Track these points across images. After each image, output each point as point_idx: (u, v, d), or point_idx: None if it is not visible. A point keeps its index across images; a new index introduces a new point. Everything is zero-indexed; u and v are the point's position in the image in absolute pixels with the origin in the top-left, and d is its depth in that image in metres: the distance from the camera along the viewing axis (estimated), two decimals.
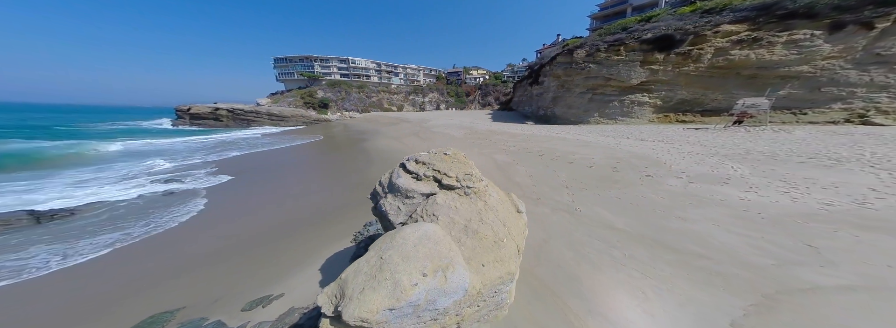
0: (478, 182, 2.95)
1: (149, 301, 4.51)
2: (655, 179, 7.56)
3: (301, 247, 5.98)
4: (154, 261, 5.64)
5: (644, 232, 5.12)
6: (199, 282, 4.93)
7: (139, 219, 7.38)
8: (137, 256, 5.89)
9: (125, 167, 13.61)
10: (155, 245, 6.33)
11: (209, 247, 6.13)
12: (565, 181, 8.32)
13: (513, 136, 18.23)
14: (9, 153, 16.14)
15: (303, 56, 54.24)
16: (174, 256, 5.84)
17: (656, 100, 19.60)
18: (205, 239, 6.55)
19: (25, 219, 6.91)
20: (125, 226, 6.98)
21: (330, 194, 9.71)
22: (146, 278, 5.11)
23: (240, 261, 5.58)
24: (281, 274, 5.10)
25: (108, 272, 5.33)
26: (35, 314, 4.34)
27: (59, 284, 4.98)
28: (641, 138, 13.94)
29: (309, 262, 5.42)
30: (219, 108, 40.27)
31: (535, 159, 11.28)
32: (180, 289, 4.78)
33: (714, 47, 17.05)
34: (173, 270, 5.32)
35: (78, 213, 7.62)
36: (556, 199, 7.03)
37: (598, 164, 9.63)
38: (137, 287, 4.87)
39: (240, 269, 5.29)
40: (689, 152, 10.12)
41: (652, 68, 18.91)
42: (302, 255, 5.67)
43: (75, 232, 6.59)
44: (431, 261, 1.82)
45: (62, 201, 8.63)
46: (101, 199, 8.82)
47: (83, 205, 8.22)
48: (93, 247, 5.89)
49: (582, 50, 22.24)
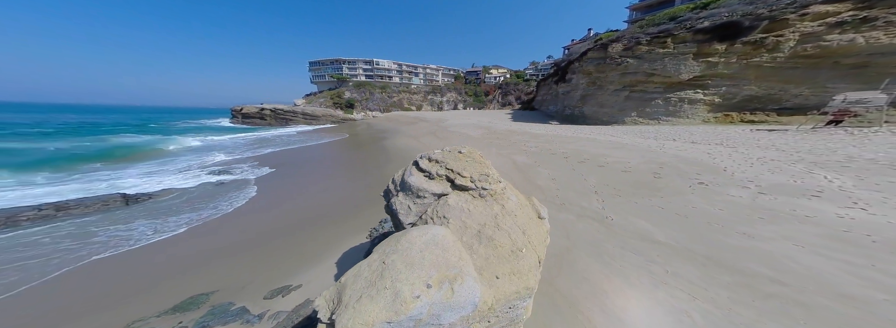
0: (495, 183, 2.68)
1: (195, 280, 4.98)
2: (711, 188, 6.49)
3: (322, 240, 6.21)
4: (205, 244, 6.27)
5: (693, 247, 4.37)
6: (235, 267, 5.34)
7: (202, 205, 8.42)
8: (194, 237, 6.63)
9: (192, 159, 15.78)
10: (208, 229, 7.06)
11: (248, 234, 6.64)
12: (595, 186, 7.56)
13: (534, 136, 17.32)
14: (123, 145, 20.40)
15: (333, 59, 57.84)
16: (219, 240, 6.43)
17: (713, 97, 17.08)
18: (247, 225, 7.15)
19: (119, 201, 8.32)
20: (199, 207, 8.12)
21: (351, 190, 10.05)
22: (198, 257, 5.68)
23: (269, 249, 5.95)
24: (302, 264, 5.32)
25: (171, 250, 6.05)
26: (135, 277, 5.07)
27: (145, 257, 5.76)
28: (692, 141, 12.24)
29: (327, 255, 5.60)
30: (264, 109, 44.88)
31: (560, 161, 10.49)
32: (220, 271, 5.22)
33: (799, 33, 14.16)
34: (218, 253, 5.84)
35: (154, 197, 8.99)
36: (583, 206, 6.40)
37: (636, 168, 8.61)
38: (189, 265, 5.42)
39: (269, 257, 5.64)
40: (761, 158, 8.53)
41: (709, 61, 16.53)
42: (321, 248, 5.87)
43: (161, 211, 7.75)
44: (438, 271, 1.62)
45: (145, 186, 10.27)
46: (172, 186, 10.27)
47: (158, 190, 9.66)
48: (173, 225, 6.87)
49: (618, 43, 20.34)
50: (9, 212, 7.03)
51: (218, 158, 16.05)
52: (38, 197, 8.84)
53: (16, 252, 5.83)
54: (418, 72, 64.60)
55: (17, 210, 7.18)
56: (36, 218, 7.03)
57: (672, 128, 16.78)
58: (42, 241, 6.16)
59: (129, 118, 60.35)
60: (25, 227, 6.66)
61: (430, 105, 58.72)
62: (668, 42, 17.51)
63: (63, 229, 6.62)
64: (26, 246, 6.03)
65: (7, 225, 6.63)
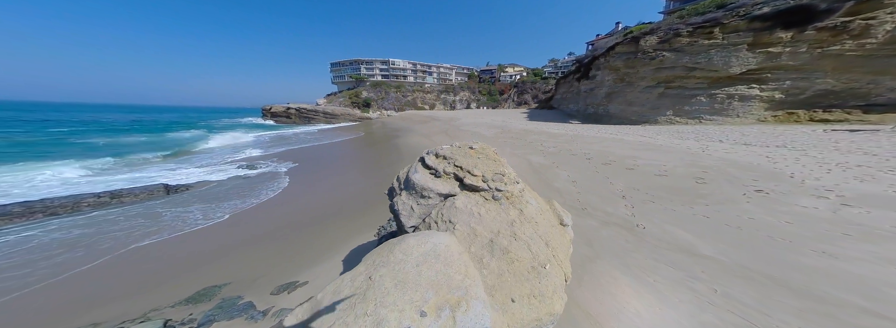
0: (511, 184, 2.28)
1: (213, 271, 5.09)
2: (773, 197, 5.50)
3: (332, 237, 6.14)
4: (227, 236, 6.51)
5: (751, 264, 3.64)
6: (250, 259, 5.37)
7: (230, 197, 8.84)
8: (222, 228, 6.91)
9: (226, 153, 17.05)
10: (235, 221, 7.36)
11: (265, 227, 6.76)
12: (622, 190, 6.78)
13: (552, 135, 16.36)
14: (175, 141, 22.57)
15: (352, 60, 59.70)
16: (240, 232, 6.61)
17: (773, 92, 14.92)
18: (264, 218, 7.29)
19: (161, 191, 9.05)
20: (230, 198, 8.54)
21: (363, 186, 10.02)
22: (219, 249, 5.81)
23: (282, 243, 5.98)
24: (310, 260, 5.25)
25: (194, 241, 6.35)
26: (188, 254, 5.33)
27: (173, 246, 6.05)
28: (745, 142, 10.76)
29: (335, 252, 5.49)
30: (289, 108, 48.00)
31: (581, 163, 9.67)
32: (236, 263, 5.29)
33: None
34: (237, 245, 5.95)
35: (192, 188, 9.71)
36: (609, 211, 5.72)
37: (674, 172, 7.64)
38: (210, 256, 5.58)
39: (281, 251, 5.65)
40: (842, 164, 7.14)
41: (769, 52, 14.47)
42: (330, 244, 5.79)
43: (196, 201, 8.23)
44: (437, 292, 1.28)
45: (184, 178, 11.14)
46: (205, 179, 11.00)
47: (194, 182, 10.43)
48: (205, 215, 7.28)
49: (652, 36, 18.61)
50: (74, 199, 7.84)
51: (250, 154, 17.11)
52: (105, 184, 9.81)
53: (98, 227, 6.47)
54: (432, 71, 64.68)
55: (79, 197, 8.00)
56: (95, 204, 7.77)
57: (718, 128, 14.97)
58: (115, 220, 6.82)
59: (177, 116, 66.98)
60: (86, 212, 7.37)
61: (443, 104, 58.69)
62: (715, 32, 15.58)
63: (118, 214, 7.25)
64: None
65: (73, 209, 7.39)
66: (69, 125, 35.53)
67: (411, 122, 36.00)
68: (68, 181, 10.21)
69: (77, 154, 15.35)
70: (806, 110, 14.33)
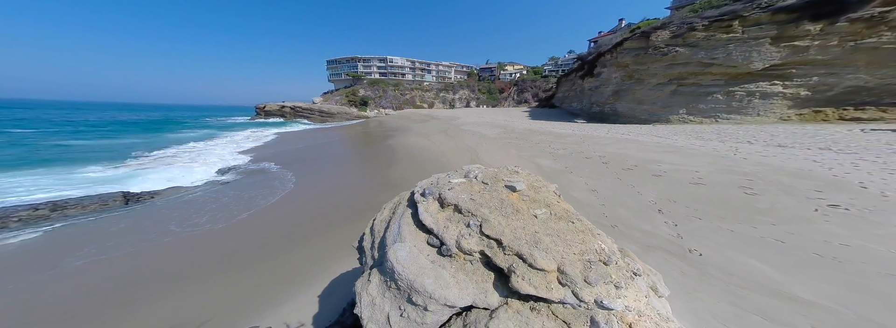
0: (626, 285, 0.97)
1: (147, 310, 3.95)
2: (856, 214, 4.47)
3: (305, 261, 5.02)
4: (180, 258, 5.36)
5: (885, 320, 2.55)
6: (199, 293, 4.25)
7: (202, 207, 7.65)
8: (178, 246, 5.71)
9: (206, 155, 15.65)
10: (191, 239, 6.19)
11: (230, 247, 5.63)
12: (655, 202, 5.74)
13: (560, 136, 15.31)
14: (151, 143, 20.73)
15: (349, 57, 58.24)
16: (197, 255, 5.46)
17: (799, 89, 13.83)
18: (228, 236, 6.15)
19: (118, 200, 7.76)
20: (197, 209, 7.34)
21: (347, 196, 8.77)
22: (165, 277, 4.71)
23: (245, 272, 4.85)
24: (277, 296, 4.12)
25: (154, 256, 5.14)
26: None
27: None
28: (778, 144, 9.74)
29: (310, 283, 4.36)
30: (284, 106, 46.70)
31: (598, 168, 8.60)
32: (181, 299, 4.15)
33: None
34: (187, 272, 4.83)
35: (160, 195, 8.42)
36: (645, 230, 4.67)
37: (711, 179, 6.61)
38: (152, 288, 4.44)
39: (241, 283, 4.49)
40: None
41: (795, 45, 13.32)
42: (304, 271, 4.66)
43: (155, 215, 7.07)
44: None
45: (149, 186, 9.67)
46: (178, 185, 9.63)
47: (163, 189, 9.08)
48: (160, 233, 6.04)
49: (664, 31, 17.53)
50: (3, 212, 6.60)
51: (231, 156, 15.80)
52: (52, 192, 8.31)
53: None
54: (431, 69, 63.39)
55: (8, 210, 6.76)
56: (30, 218, 6.56)
57: (739, 127, 13.96)
58: None
59: (162, 115, 63.30)
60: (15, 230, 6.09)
61: (442, 103, 57.68)
62: (733, 26, 14.51)
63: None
64: None
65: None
66: (37, 125, 32.83)
67: (409, 120, 34.86)
68: (7, 191, 8.66)
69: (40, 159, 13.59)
70: (835, 108, 13.31)
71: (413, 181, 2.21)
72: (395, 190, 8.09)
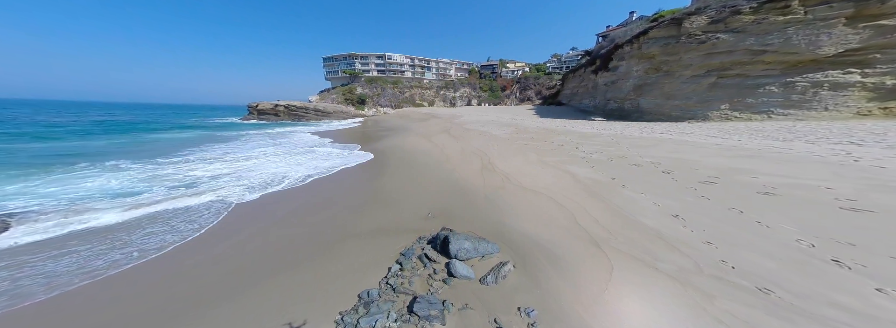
0: None
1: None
2: None
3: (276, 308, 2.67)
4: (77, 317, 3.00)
5: None
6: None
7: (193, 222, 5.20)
8: (79, 299, 3.35)
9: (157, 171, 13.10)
10: (105, 288, 3.81)
11: (154, 300, 3.27)
12: (803, 238, 3.56)
13: (585, 136, 13.01)
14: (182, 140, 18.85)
15: (346, 54, 56.20)
16: (103, 313, 3.11)
17: (883, 78, 11.46)
18: (157, 279, 3.67)
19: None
20: (129, 239, 4.82)
21: (330, 213, 6.18)
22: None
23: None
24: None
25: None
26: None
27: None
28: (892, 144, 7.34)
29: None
30: (278, 105, 44.65)
31: (659, 179, 6.32)
32: None
33: None
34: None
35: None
36: (836, 301, 2.36)
37: (877, 203, 4.31)
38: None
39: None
40: None
41: (880, 25, 11.00)
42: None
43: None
44: None
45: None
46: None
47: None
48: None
49: (700, 16, 15.22)
50: None
51: (195, 164, 13.20)
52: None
53: None
54: (431, 66, 61.35)
55: None
56: None
57: (808, 125, 11.34)
58: None
59: (146, 115, 58.10)
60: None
61: (443, 101, 55.90)
62: (792, 6, 12.17)
63: None
64: None
65: None
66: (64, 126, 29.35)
67: (409, 119, 32.64)
68: None
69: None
70: None
71: (412, 196, 1.00)
72: (388, 210, 5.64)
